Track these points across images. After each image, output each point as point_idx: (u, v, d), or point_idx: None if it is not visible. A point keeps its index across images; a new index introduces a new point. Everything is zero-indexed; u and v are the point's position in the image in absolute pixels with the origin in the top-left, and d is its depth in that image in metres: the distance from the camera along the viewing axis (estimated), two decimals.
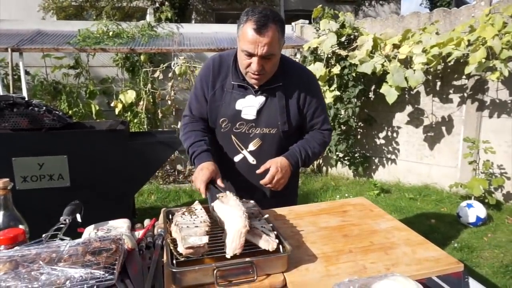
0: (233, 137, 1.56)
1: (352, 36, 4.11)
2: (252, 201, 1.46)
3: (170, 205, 4.09)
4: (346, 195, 4.30)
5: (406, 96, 4.31)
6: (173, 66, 4.43)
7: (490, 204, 3.58)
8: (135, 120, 4.61)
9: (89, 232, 1.29)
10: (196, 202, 1.41)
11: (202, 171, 1.39)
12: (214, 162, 1.45)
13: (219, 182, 1.39)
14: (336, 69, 3.93)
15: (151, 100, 4.61)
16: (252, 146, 1.55)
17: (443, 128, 4.15)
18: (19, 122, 2.55)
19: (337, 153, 4.54)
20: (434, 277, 1.09)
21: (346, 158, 4.70)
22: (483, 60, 3.20)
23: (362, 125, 4.71)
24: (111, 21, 4.58)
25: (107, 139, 2.69)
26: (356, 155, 4.74)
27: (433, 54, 3.39)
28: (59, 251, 0.92)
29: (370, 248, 1.24)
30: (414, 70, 3.47)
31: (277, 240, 1.13)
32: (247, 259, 1.05)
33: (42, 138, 2.59)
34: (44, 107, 2.65)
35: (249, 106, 1.51)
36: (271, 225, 1.22)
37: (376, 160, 4.77)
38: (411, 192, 4.23)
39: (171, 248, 1.11)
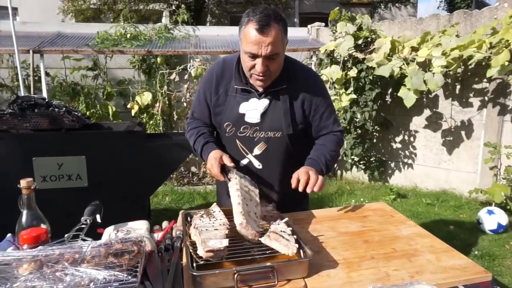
0: (237, 141, 1.54)
1: (369, 39, 4.06)
2: (270, 205, 1.45)
3: (184, 207, 4.10)
4: (362, 199, 4.23)
5: (424, 99, 4.23)
6: (189, 68, 4.46)
7: None
8: (151, 122, 4.65)
9: (109, 233, 1.30)
10: (214, 204, 1.41)
11: (212, 162, 1.41)
12: (218, 148, 1.49)
13: (227, 162, 1.40)
14: (352, 72, 3.88)
15: (167, 102, 4.65)
16: (257, 150, 1.52)
17: (463, 133, 4.06)
18: (39, 122, 2.60)
19: (352, 157, 4.48)
20: (460, 286, 1.05)
21: (361, 162, 4.64)
22: (506, 63, 3.11)
23: (378, 128, 4.64)
24: (129, 23, 4.64)
25: (125, 140, 2.72)
26: (372, 159, 4.67)
27: (453, 57, 3.31)
28: (82, 251, 0.92)
29: (392, 254, 1.21)
30: (433, 73, 3.40)
31: (296, 245, 1.12)
32: (268, 263, 1.04)
33: (61, 139, 2.63)
34: (64, 108, 2.70)
35: (253, 109, 1.48)
36: (290, 229, 1.21)
37: (392, 165, 4.69)
38: (429, 198, 4.14)
39: (191, 251, 1.10)
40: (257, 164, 1.54)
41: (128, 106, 4.57)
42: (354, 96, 3.96)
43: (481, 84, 3.83)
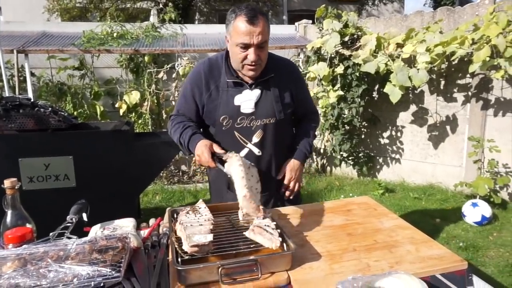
0: (235, 133, 1.60)
1: (355, 36, 4.10)
2: None
3: (174, 205, 4.10)
4: (351, 194, 4.29)
5: (410, 95, 4.30)
6: (177, 67, 4.45)
7: (496, 203, 3.56)
8: (140, 121, 4.63)
9: (96, 231, 1.31)
10: (200, 200, 1.43)
11: (202, 149, 1.45)
12: (205, 138, 1.54)
13: (217, 150, 1.45)
14: (339, 69, 3.92)
15: (155, 101, 4.63)
16: (255, 138, 1.61)
17: (448, 127, 4.14)
18: (25, 123, 2.57)
19: (341, 152, 4.53)
20: (438, 275, 1.09)
21: (350, 158, 4.69)
22: (488, 59, 3.18)
23: (366, 124, 4.70)
24: (115, 22, 4.60)
25: (112, 139, 2.71)
26: (360, 154, 4.73)
27: (437, 53, 3.37)
28: (66, 249, 0.94)
29: (374, 246, 1.25)
30: (418, 69, 3.46)
31: (280, 239, 1.14)
32: (252, 257, 1.07)
33: (47, 139, 2.61)
34: (50, 108, 2.67)
35: (247, 100, 1.57)
36: (274, 223, 1.23)
37: (381, 160, 4.76)
38: (416, 192, 4.21)
39: (176, 246, 1.12)
40: (256, 151, 1.63)
41: (116, 105, 4.54)
42: (341, 92, 4.01)
43: (464, 80, 3.90)
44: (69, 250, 0.92)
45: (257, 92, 1.58)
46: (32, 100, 2.68)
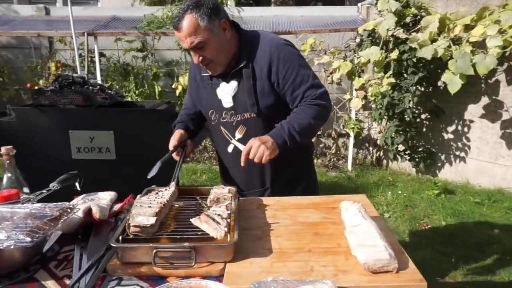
0: (222, 128, 1.56)
1: (418, 17, 3.66)
2: (227, 187, 1.43)
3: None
4: (400, 192, 3.95)
5: (483, 85, 3.73)
6: None
7: None
8: None
9: (77, 200, 1.42)
10: (173, 183, 1.45)
11: (172, 137, 1.56)
12: (185, 130, 1.59)
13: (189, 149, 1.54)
14: (394, 54, 3.55)
15: None
16: (238, 134, 1.53)
17: None
18: (75, 99, 2.88)
19: (394, 146, 4.16)
20: None
21: (406, 152, 4.30)
22: None
23: (428, 116, 4.23)
24: (176, 6, 4.81)
25: (148, 118, 2.89)
26: (420, 149, 4.30)
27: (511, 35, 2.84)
28: (16, 212, 1.04)
29: (333, 250, 1.14)
30: (486, 55, 2.96)
31: (226, 229, 1.11)
32: (186, 244, 1.05)
33: (93, 114, 2.88)
34: (98, 86, 2.95)
35: (225, 93, 1.49)
36: (228, 212, 1.19)
37: (443, 157, 4.26)
38: (479, 196, 3.70)
39: (126, 224, 1.16)
40: (242, 148, 1.51)
41: (173, 86, 4.80)
42: (393, 80, 3.64)
43: None
44: (15, 214, 1.02)
45: (233, 84, 1.47)
46: (85, 79, 2.98)
